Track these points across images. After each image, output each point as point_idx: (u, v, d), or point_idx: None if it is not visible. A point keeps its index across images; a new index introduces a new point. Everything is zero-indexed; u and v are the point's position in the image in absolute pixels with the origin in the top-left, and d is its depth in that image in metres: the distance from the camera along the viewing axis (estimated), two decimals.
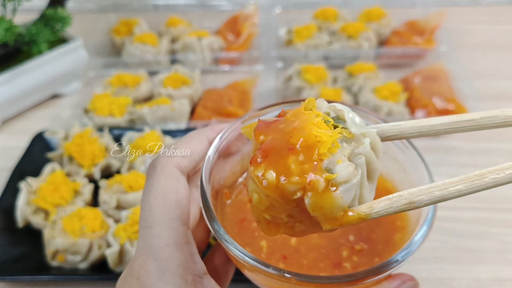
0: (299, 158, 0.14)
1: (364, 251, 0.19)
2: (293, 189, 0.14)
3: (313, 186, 0.14)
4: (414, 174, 0.20)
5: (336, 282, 0.16)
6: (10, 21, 0.40)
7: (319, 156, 0.14)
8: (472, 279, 0.30)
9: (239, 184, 0.21)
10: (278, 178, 0.14)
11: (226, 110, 0.44)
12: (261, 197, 0.15)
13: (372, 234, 0.20)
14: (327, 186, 0.14)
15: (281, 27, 0.56)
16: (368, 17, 0.54)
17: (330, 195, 0.14)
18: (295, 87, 0.45)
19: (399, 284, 0.17)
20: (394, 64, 0.51)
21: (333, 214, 0.15)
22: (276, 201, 0.15)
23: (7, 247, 0.32)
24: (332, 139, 0.15)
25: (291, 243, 0.19)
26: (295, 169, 0.14)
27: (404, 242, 0.18)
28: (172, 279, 0.17)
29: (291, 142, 0.14)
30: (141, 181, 0.33)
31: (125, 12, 0.67)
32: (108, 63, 0.52)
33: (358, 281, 0.16)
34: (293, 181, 0.14)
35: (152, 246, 0.17)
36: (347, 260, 0.19)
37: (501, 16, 0.62)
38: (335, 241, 0.19)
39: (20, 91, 0.44)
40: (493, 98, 0.47)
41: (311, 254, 0.19)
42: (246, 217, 0.20)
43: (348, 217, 0.15)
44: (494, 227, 0.33)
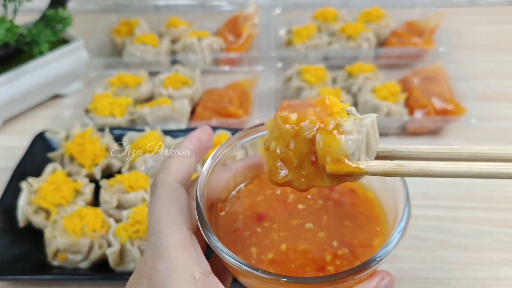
0: (317, 109, 0.18)
1: (345, 255, 0.21)
2: (309, 127, 0.18)
3: (325, 124, 0.18)
4: (391, 181, 0.22)
5: (319, 282, 0.18)
6: (11, 22, 0.40)
7: (332, 113, 0.18)
8: (471, 279, 0.30)
9: (232, 198, 0.24)
10: (298, 118, 0.18)
11: (226, 110, 0.44)
12: (278, 141, 0.18)
13: (354, 239, 0.22)
14: (336, 128, 0.17)
15: (281, 27, 0.57)
16: (367, 17, 0.55)
17: (337, 137, 0.17)
18: (295, 87, 0.46)
19: (378, 280, 0.19)
20: (393, 65, 0.51)
21: (337, 155, 0.17)
22: (292, 142, 0.18)
23: (8, 246, 0.32)
24: (344, 106, 0.18)
25: (280, 249, 0.21)
26: (313, 114, 0.18)
27: (381, 246, 0.20)
28: (181, 276, 0.18)
29: (311, 103, 0.19)
30: (142, 181, 0.34)
31: (125, 12, 0.67)
32: (109, 64, 0.52)
33: (338, 280, 0.18)
34: (310, 119, 0.18)
35: (161, 248, 0.19)
36: (331, 264, 0.21)
37: (500, 17, 0.62)
38: (320, 246, 0.21)
39: (21, 91, 0.45)
40: (492, 98, 0.47)
41: (298, 260, 0.21)
42: (238, 227, 0.22)
43: (349, 165, 0.17)
44: (493, 227, 0.34)
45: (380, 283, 0.19)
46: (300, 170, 0.18)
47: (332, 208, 0.23)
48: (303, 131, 0.18)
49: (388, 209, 0.23)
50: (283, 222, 0.22)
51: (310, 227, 0.22)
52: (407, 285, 0.30)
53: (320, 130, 0.18)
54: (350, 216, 0.23)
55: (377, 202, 0.23)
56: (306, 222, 0.22)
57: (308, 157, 0.18)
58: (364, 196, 0.23)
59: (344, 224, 0.22)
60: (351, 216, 0.23)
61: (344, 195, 0.24)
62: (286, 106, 0.19)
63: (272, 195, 0.23)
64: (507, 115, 0.45)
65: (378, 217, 0.23)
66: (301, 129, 0.18)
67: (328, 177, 0.18)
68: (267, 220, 0.22)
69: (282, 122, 0.18)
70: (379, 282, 0.19)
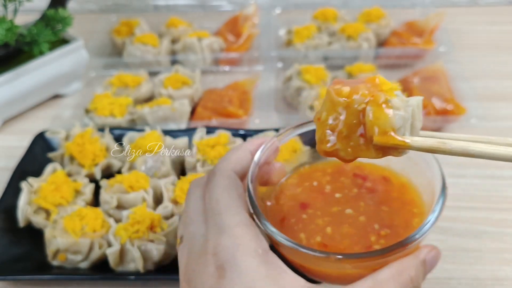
0: (368, 86, 0.19)
1: (388, 235, 0.23)
2: (360, 100, 0.19)
3: (375, 98, 0.19)
4: (424, 164, 0.23)
5: (372, 256, 0.20)
6: (11, 22, 0.40)
7: (381, 91, 0.19)
8: (471, 279, 0.30)
9: (274, 191, 0.26)
10: (351, 91, 0.19)
11: (226, 110, 0.44)
12: (330, 112, 0.20)
13: (393, 221, 0.24)
14: (385, 103, 0.19)
15: (281, 27, 0.57)
16: (367, 17, 0.55)
17: (386, 111, 0.19)
18: (295, 87, 0.46)
19: (426, 252, 0.21)
20: (393, 65, 0.51)
21: (385, 127, 0.19)
22: (343, 114, 0.19)
23: (8, 246, 0.32)
24: (392, 87, 0.19)
25: (327, 232, 0.23)
26: (364, 88, 0.19)
27: (421, 224, 0.22)
28: (247, 252, 0.19)
29: (360, 80, 0.20)
30: (142, 181, 0.34)
31: (125, 12, 0.67)
32: (109, 64, 0.52)
33: (390, 253, 0.20)
34: (362, 93, 0.19)
35: (224, 227, 0.20)
36: (376, 243, 0.23)
37: (500, 17, 0.62)
38: (363, 229, 0.23)
39: (21, 91, 0.45)
40: (492, 98, 0.47)
41: (345, 241, 0.23)
42: (285, 216, 0.24)
43: (395, 138, 0.19)
44: (493, 227, 0.34)
45: (429, 254, 0.20)
46: (348, 141, 0.19)
47: (367, 196, 0.25)
48: (354, 103, 0.19)
49: (423, 191, 0.24)
50: (324, 209, 0.24)
51: (350, 213, 0.24)
52: None
53: (370, 102, 0.19)
54: (384, 202, 0.25)
55: (411, 186, 0.25)
56: (346, 209, 0.24)
57: (357, 129, 0.19)
58: (397, 182, 0.25)
59: (381, 209, 0.24)
60: (386, 202, 0.25)
61: (377, 183, 0.25)
62: (338, 81, 0.20)
63: (310, 187, 0.25)
64: (507, 115, 0.45)
65: (413, 200, 0.24)
66: (352, 101, 0.19)
67: (374, 149, 0.19)
68: (310, 208, 0.24)
69: (335, 94, 0.19)
70: (428, 253, 0.20)
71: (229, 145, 0.37)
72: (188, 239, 0.21)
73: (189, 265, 0.20)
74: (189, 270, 0.20)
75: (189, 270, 0.20)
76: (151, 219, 0.30)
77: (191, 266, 0.20)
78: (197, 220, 0.21)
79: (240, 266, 0.18)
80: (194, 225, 0.21)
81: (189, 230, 0.21)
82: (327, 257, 0.20)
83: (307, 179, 0.25)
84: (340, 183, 0.25)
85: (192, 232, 0.21)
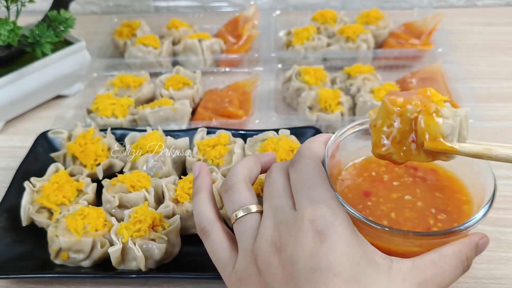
0: (420, 97, 0.22)
1: (444, 220, 0.26)
2: (412, 109, 0.22)
3: (427, 108, 0.21)
4: (470, 159, 0.26)
5: (442, 234, 0.23)
6: (13, 23, 0.40)
7: (432, 101, 0.22)
8: (469, 277, 0.31)
9: (338, 181, 0.29)
10: (404, 101, 0.22)
11: (227, 111, 0.44)
12: (384, 120, 0.22)
13: (447, 207, 0.27)
14: (435, 112, 0.21)
15: (281, 29, 0.57)
16: (366, 19, 0.55)
17: (436, 119, 0.21)
18: (295, 88, 0.46)
19: (479, 238, 0.23)
20: (391, 65, 0.52)
21: (435, 134, 0.21)
22: (397, 121, 0.22)
23: (11, 245, 0.32)
24: (443, 98, 0.22)
25: (391, 217, 0.27)
26: (416, 99, 0.22)
27: (471, 211, 0.26)
28: (343, 220, 0.21)
29: (413, 92, 0.22)
30: (143, 180, 0.34)
31: (127, 14, 0.68)
32: (111, 65, 0.53)
33: (451, 234, 0.23)
34: (413, 103, 0.22)
35: (320, 199, 0.22)
36: (434, 226, 0.26)
37: (497, 18, 0.62)
38: (421, 213, 0.27)
39: (23, 92, 0.45)
40: (489, 99, 0.48)
41: (408, 224, 0.26)
42: (351, 204, 0.26)
43: (444, 144, 0.21)
44: (491, 226, 0.34)
45: (481, 240, 0.23)
46: (401, 146, 0.22)
47: (421, 183, 0.28)
48: (407, 112, 0.22)
49: (468, 182, 0.28)
50: (386, 196, 0.27)
51: (409, 199, 0.27)
52: None
53: (422, 111, 0.21)
54: (437, 189, 0.28)
55: (456, 178, 0.28)
56: (405, 195, 0.27)
57: (409, 135, 0.22)
58: (444, 173, 0.28)
59: (435, 195, 0.27)
60: (439, 189, 0.28)
61: (427, 173, 0.28)
62: (393, 92, 0.23)
63: (369, 177, 0.28)
64: (504, 115, 0.46)
65: (461, 189, 0.28)
66: (405, 110, 0.22)
67: (424, 153, 0.22)
68: (372, 195, 0.28)
69: (390, 103, 0.22)
70: (480, 239, 0.23)
71: (229, 145, 0.37)
72: (274, 211, 0.22)
73: (280, 235, 0.21)
74: (281, 239, 0.21)
75: (280, 238, 0.21)
76: (153, 218, 0.30)
77: (283, 234, 0.21)
78: (284, 195, 0.23)
79: (339, 232, 0.20)
80: (280, 199, 0.23)
81: (275, 203, 0.23)
82: (406, 234, 0.23)
83: (365, 170, 0.27)
84: (395, 173, 0.28)
85: (279, 205, 0.22)
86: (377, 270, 0.20)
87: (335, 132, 0.41)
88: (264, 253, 0.21)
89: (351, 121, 0.43)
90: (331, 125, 0.43)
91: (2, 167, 0.42)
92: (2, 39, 0.40)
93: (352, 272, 0.19)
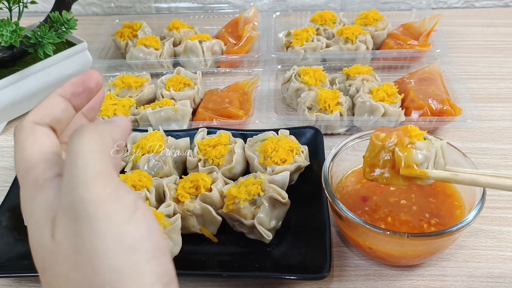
0: (400, 132, 0.27)
1: (437, 223, 0.30)
2: (391, 142, 0.26)
3: (401, 141, 0.26)
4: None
5: (436, 235, 0.27)
6: (16, 24, 0.41)
7: (410, 136, 0.26)
8: (466, 276, 0.31)
9: (337, 187, 0.33)
10: (385, 136, 0.27)
11: (227, 111, 0.45)
12: (371, 152, 0.27)
13: (440, 211, 0.30)
14: (410, 143, 0.26)
15: (280, 30, 0.58)
16: (365, 20, 0.55)
17: (410, 150, 0.26)
18: (294, 89, 0.46)
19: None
20: (390, 66, 0.52)
21: (409, 162, 0.25)
22: (379, 151, 0.27)
23: (14, 244, 0.32)
24: (421, 132, 0.27)
25: (388, 221, 0.30)
26: (395, 134, 0.27)
27: (463, 215, 0.30)
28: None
29: (396, 129, 0.27)
30: (144, 180, 0.34)
31: (128, 15, 0.68)
32: (112, 66, 0.53)
33: (447, 234, 0.27)
34: (392, 138, 0.26)
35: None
36: (427, 230, 0.29)
37: (495, 19, 0.63)
38: (416, 217, 0.30)
39: (26, 92, 0.45)
40: (487, 99, 0.48)
41: (403, 227, 0.30)
42: (350, 209, 0.29)
43: (416, 170, 0.25)
44: (488, 225, 0.34)
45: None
46: (384, 173, 0.27)
47: (416, 189, 0.32)
48: (387, 145, 0.26)
49: (460, 188, 0.31)
50: (383, 200, 0.31)
51: (405, 203, 0.31)
52: (403, 282, 0.31)
53: (398, 144, 0.26)
54: (431, 194, 0.31)
55: (449, 183, 0.31)
56: (401, 199, 0.31)
57: (390, 164, 0.26)
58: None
59: (429, 200, 0.31)
60: (432, 194, 0.31)
61: None
62: (380, 129, 0.28)
63: (367, 182, 0.31)
64: (502, 115, 0.46)
65: (453, 194, 0.31)
66: (386, 144, 0.26)
67: (402, 178, 0.26)
68: (370, 200, 0.31)
69: (375, 138, 0.27)
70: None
71: (230, 145, 0.37)
72: None
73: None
74: None
75: None
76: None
77: None
78: None
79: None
80: None
81: None
82: (402, 235, 0.26)
83: (363, 177, 0.30)
84: None
85: None
86: None
87: (334, 132, 0.44)
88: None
89: (350, 121, 0.43)
90: (330, 125, 0.43)
91: (4, 166, 0.42)
92: (4, 40, 0.40)
93: None
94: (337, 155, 0.32)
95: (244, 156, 0.37)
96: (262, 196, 0.32)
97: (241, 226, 0.32)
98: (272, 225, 0.32)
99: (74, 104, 0.19)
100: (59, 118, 0.18)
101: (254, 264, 0.30)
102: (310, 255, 0.30)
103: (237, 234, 0.33)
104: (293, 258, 0.31)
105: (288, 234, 0.33)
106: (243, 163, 0.37)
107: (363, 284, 0.30)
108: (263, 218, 0.31)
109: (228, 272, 0.30)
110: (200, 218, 0.33)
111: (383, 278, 0.31)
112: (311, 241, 0.31)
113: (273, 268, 0.30)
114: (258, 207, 0.32)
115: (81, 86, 0.19)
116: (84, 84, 0.19)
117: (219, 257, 0.32)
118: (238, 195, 0.32)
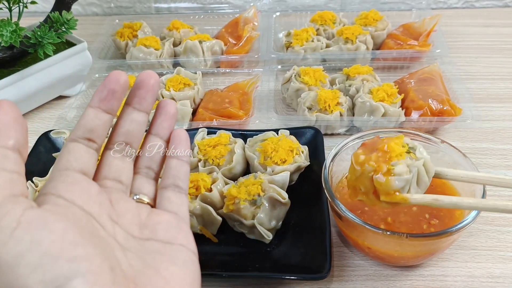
0: (379, 155, 0.25)
1: (437, 225, 0.29)
2: (369, 169, 0.25)
3: (380, 168, 0.25)
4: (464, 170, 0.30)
5: (434, 236, 0.27)
6: (16, 24, 0.41)
7: (390, 157, 0.25)
8: (466, 276, 0.31)
9: (337, 187, 0.33)
10: (364, 159, 0.25)
11: (227, 111, 0.45)
12: (352, 175, 0.26)
13: (440, 212, 0.30)
14: (388, 171, 0.24)
15: (280, 30, 0.58)
16: (365, 20, 0.56)
17: (388, 179, 0.24)
18: (294, 89, 0.46)
19: None
20: (390, 66, 0.52)
21: (388, 190, 0.25)
22: (360, 176, 0.26)
23: None
24: (401, 152, 0.25)
25: (388, 221, 0.30)
26: (374, 159, 0.25)
27: (462, 215, 0.29)
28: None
29: (378, 148, 0.25)
30: None
31: (128, 15, 0.68)
32: (112, 66, 0.53)
33: (445, 235, 0.27)
34: (370, 164, 0.25)
35: None
36: (427, 230, 0.29)
37: (495, 19, 0.63)
38: (416, 218, 0.30)
39: (26, 93, 0.45)
40: (487, 99, 0.48)
41: (403, 228, 0.29)
42: (351, 209, 0.28)
43: (396, 196, 0.24)
44: (488, 225, 0.34)
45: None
46: (367, 196, 0.26)
47: None
48: (365, 171, 0.25)
49: (460, 188, 0.31)
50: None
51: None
52: (403, 282, 0.31)
53: (376, 171, 0.25)
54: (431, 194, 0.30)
55: (449, 184, 0.31)
56: None
57: (371, 188, 0.25)
58: (438, 180, 0.30)
59: None
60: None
61: None
62: (363, 144, 0.27)
63: None
64: (502, 115, 0.46)
65: (454, 195, 0.31)
66: (365, 170, 0.25)
67: (385, 202, 0.25)
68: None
69: (354, 162, 0.26)
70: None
71: (230, 145, 0.37)
72: None
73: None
74: None
75: None
76: None
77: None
78: None
79: None
80: None
81: None
82: (401, 236, 0.26)
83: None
84: None
85: None
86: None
87: (334, 132, 0.44)
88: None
89: (350, 121, 0.43)
90: (330, 125, 0.43)
91: None
92: (4, 40, 0.40)
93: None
94: (337, 155, 0.32)
95: (244, 156, 0.38)
96: (262, 196, 0.32)
97: (241, 226, 0.33)
98: (272, 225, 0.32)
99: (104, 109, 0.20)
100: (91, 128, 0.20)
101: (254, 264, 0.30)
102: (310, 255, 0.30)
103: (237, 234, 0.33)
104: (293, 258, 0.31)
105: (288, 234, 0.33)
106: (243, 163, 0.37)
107: (363, 284, 0.30)
108: (263, 218, 0.31)
109: (228, 272, 0.30)
110: (200, 218, 0.33)
111: (383, 278, 0.31)
112: (311, 241, 0.31)
113: (273, 268, 0.30)
114: (258, 207, 0.32)
115: (104, 90, 0.20)
116: (106, 87, 0.20)
117: (219, 257, 0.32)
118: (238, 195, 0.32)
